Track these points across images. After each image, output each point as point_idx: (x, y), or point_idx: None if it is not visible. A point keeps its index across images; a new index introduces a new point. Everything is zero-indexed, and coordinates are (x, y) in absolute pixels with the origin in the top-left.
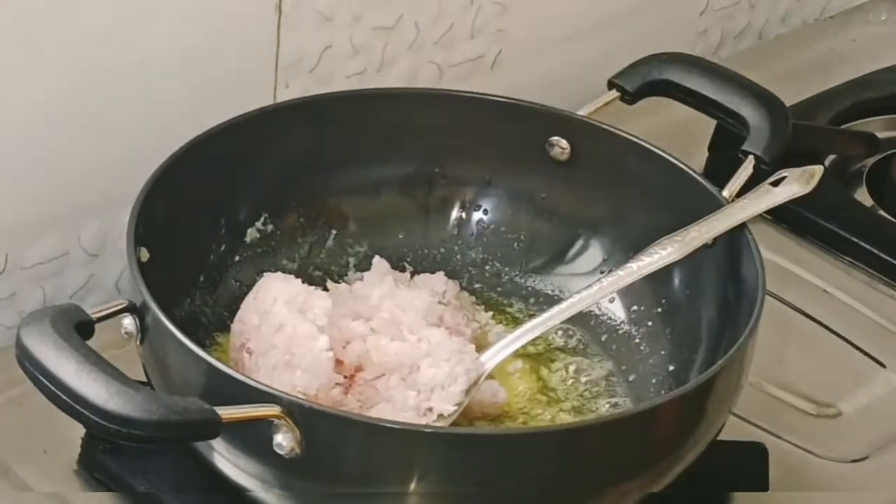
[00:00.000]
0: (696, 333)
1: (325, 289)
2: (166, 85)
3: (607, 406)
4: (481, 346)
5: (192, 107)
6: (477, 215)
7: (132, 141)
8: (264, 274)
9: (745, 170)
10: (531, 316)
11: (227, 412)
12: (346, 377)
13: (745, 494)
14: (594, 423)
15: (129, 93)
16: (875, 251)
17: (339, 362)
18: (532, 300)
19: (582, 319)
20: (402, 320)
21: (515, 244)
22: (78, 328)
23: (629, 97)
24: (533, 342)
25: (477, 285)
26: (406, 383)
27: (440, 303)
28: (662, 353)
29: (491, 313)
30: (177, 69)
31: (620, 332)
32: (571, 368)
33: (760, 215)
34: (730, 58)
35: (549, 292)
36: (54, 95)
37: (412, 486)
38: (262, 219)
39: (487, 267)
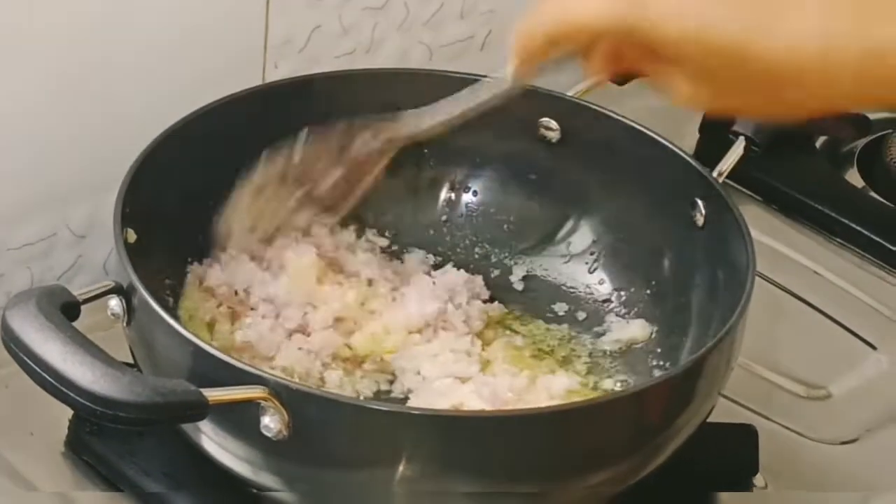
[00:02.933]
0: (686, 316)
1: None
2: (155, 66)
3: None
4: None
5: (182, 88)
6: (466, 197)
7: (120, 122)
8: None
9: (736, 151)
10: (522, 302)
11: (213, 394)
12: None
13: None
14: (582, 404)
15: (117, 74)
16: (866, 233)
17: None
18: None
19: (572, 301)
20: None
21: (505, 225)
22: (64, 309)
23: (620, 78)
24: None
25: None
26: None
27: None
28: (652, 335)
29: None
30: (166, 51)
31: (610, 314)
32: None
33: (750, 195)
34: None
35: (539, 274)
36: (43, 78)
37: (400, 467)
38: None
39: (477, 248)
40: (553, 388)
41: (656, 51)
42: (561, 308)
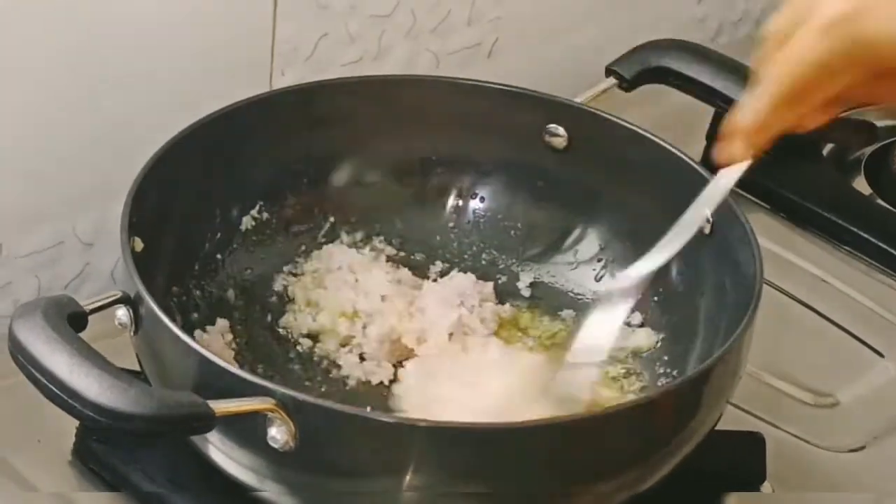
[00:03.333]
0: (694, 324)
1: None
2: (162, 73)
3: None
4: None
5: (189, 95)
6: (474, 203)
7: (128, 130)
8: None
9: None
10: (528, 307)
11: (220, 406)
12: None
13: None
14: (590, 415)
15: (124, 81)
16: (873, 240)
17: None
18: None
19: (579, 308)
20: None
21: (512, 232)
22: (70, 320)
23: (627, 84)
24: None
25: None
26: None
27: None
28: (657, 344)
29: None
30: (172, 58)
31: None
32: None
33: (757, 203)
34: (728, 45)
35: (547, 281)
36: (50, 85)
37: (407, 478)
38: (257, 207)
39: (484, 255)
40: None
41: (884, 70)
42: (568, 315)
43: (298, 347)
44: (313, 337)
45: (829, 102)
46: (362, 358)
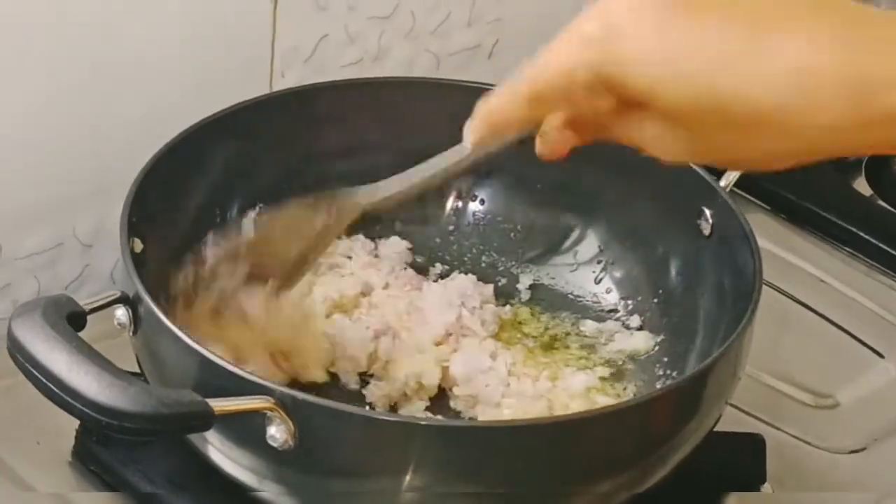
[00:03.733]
0: (693, 324)
1: None
2: (162, 75)
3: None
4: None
5: (188, 97)
6: (473, 205)
7: (127, 131)
8: None
9: None
10: (528, 308)
11: (219, 404)
12: None
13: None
14: (588, 414)
15: (124, 83)
16: (874, 241)
17: None
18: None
19: (580, 310)
20: None
21: (512, 234)
22: (70, 319)
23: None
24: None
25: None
26: None
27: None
28: (655, 347)
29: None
30: (173, 59)
31: (618, 323)
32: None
33: (757, 204)
34: None
35: (546, 283)
36: (49, 87)
37: (407, 478)
38: (256, 209)
39: (484, 257)
40: (573, 388)
41: (629, 99)
42: (568, 316)
43: None
44: None
45: (579, 124)
46: None
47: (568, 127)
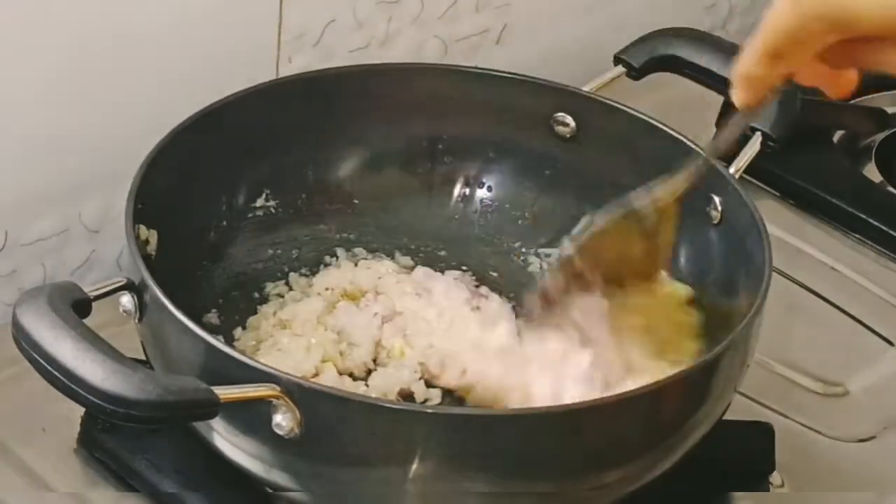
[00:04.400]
0: (702, 312)
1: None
2: (168, 60)
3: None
4: None
5: (195, 82)
6: (481, 192)
7: (134, 117)
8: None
9: (753, 146)
10: None
11: (225, 392)
12: None
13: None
14: (597, 402)
15: (130, 68)
16: (884, 228)
17: None
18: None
19: None
20: None
21: (520, 221)
22: (75, 306)
23: (635, 73)
24: None
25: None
26: None
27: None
28: None
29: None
30: (179, 44)
31: None
32: None
33: (766, 191)
34: (738, 32)
35: None
36: (55, 71)
37: (413, 466)
38: (263, 195)
39: (491, 244)
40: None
41: (864, 34)
42: None
43: None
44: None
45: (824, 61)
46: None
47: (820, 64)
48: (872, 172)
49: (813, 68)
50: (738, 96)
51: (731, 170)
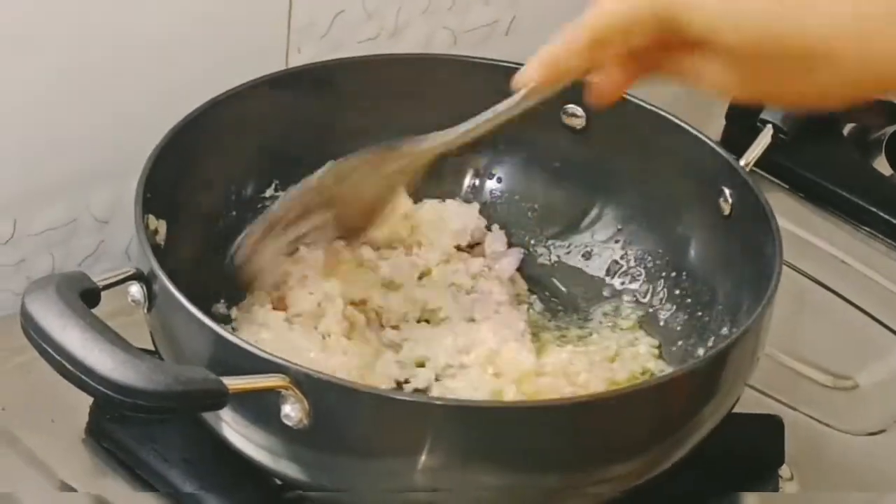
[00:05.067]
0: (712, 305)
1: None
2: (178, 51)
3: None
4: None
5: (204, 72)
6: (491, 183)
7: (143, 107)
8: None
9: (763, 139)
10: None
11: (234, 382)
12: None
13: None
14: (607, 395)
15: (139, 59)
16: (894, 221)
17: None
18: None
19: (597, 289)
20: None
21: (529, 213)
22: (83, 296)
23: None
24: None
25: None
26: None
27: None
28: (679, 324)
29: None
30: (189, 35)
31: (637, 303)
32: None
33: (777, 184)
34: None
35: (564, 262)
36: (64, 61)
37: (422, 457)
38: (272, 186)
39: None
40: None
41: (685, 38)
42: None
43: None
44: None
45: (630, 63)
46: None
47: (619, 66)
48: (882, 165)
49: (610, 68)
50: (532, 72)
51: (742, 162)
